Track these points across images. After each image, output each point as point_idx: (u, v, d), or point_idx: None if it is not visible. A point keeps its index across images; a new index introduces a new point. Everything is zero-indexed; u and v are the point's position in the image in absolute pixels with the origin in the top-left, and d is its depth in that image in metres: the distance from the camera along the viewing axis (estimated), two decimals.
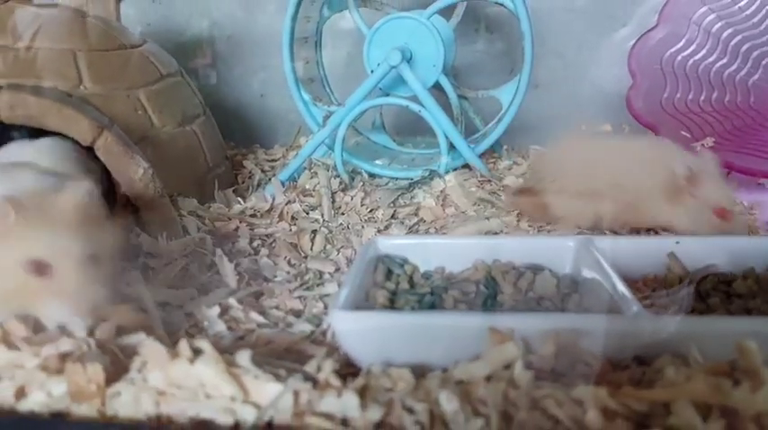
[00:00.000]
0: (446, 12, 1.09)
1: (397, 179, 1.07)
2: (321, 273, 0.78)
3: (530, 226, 0.85)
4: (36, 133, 0.80)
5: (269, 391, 0.47)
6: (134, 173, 0.81)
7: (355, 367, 0.54)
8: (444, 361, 0.51)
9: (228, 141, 1.23)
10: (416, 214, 0.92)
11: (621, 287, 0.55)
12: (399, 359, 0.52)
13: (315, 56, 1.18)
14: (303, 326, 0.64)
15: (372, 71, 1.04)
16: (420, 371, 0.49)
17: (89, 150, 0.80)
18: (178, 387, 0.48)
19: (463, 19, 1.16)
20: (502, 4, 1.00)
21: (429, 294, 0.63)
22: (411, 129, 1.30)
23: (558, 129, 1.28)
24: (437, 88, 1.09)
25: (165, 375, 0.48)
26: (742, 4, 0.98)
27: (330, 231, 0.88)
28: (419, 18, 1.02)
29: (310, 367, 0.50)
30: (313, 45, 1.17)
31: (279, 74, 1.33)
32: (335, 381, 0.48)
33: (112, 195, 0.82)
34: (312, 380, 0.49)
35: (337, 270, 0.79)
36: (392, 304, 0.61)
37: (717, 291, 0.63)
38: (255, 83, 1.41)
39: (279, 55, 1.10)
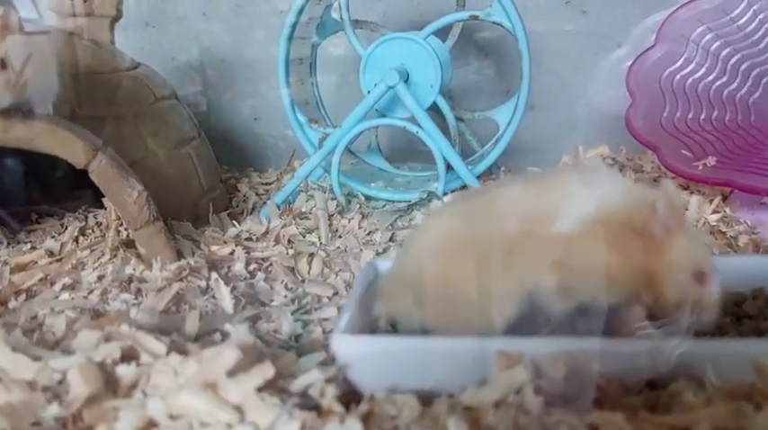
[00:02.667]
0: (442, 32, 1.09)
1: (394, 202, 1.06)
2: (319, 297, 0.77)
3: None
4: (27, 156, 0.78)
5: (269, 417, 0.45)
6: (128, 196, 0.79)
7: (358, 393, 0.52)
8: (451, 386, 0.49)
9: (222, 165, 1.22)
10: None
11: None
12: (404, 384, 0.50)
13: (309, 78, 1.17)
14: (302, 351, 0.62)
15: (369, 92, 1.03)
16: (425, 398, 0.48)
17: (83, 173, 0.79)
18: (172, 417, 0.46)
19: (459, 40, 1.16)
20: (500, 24, 0.99)
21: None
22: (406, 151, 1.29)
23: (555, 151, 1.28)
24: (433, 110, 1.08)
25: (166, 404, 0.46)
26: (741, 22, 0.98)
27: (328, 254, 0.87)
28: (416, 38, 1.02)
29: (312, 392, 0.49)
30: (308, 67, 1.16)
31: (271, 98, 1.33)
32: (338, 407, 0.47)
33: None
34: (314, 405, 0.47)
35: (335, 294, 0.77)
36: (394, 328, 0.60)
37: (726, 312, 0.61)
38: (248, 107, 1.40)
39: (271, 79, 1.09)
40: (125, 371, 0.52)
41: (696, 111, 0.99)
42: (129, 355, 0.55)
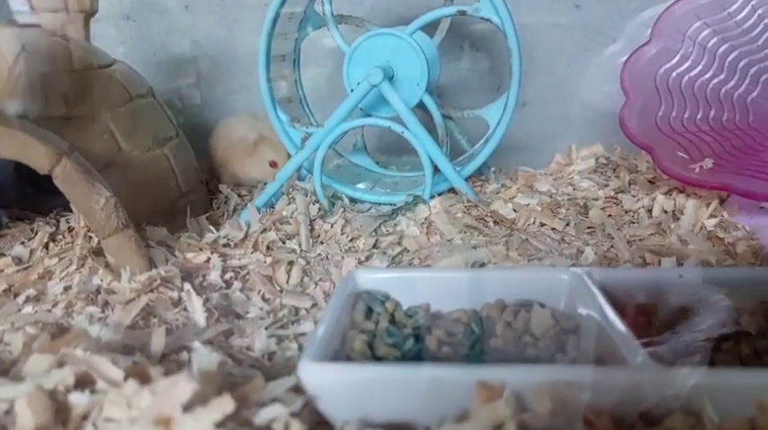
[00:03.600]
0: (429, 28, 1.04)
1: (379, 204, 1.02)
2: (297, 310, 0.73)
3: (519, 255, 0.80)
4: None
5: None
6: (95, 203, 0.75)
7: (327, 424, 0.48)
8: (427, 417, 0.46)
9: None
10: (399, 243, 0.86)
11: (623, 330, 0.50)
12: (377, 415, 0.46)
13: (293, 74, 1.13)
14: (274, 372, 0.58)
15: (353, 90, 0.99)
16: None
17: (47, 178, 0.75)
18: None
19: (447, 36, 1.11)
20: (488, 20, 0.95)
21: (411, 336, 0.57)
22: (395, 149, 1.25)
23: (547, 149, 1.24)
24: (420, 108, 1.04)
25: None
26: (738, 18, 0.93)
27: (308, 262, 0.83)
28: (401, 35, 0.97)
29: (276, 427, 0.45)
30: (291, 63, 1.12)
31: (258, 94, 1.29)
32: None
33: None
34: None
35: (314, 305, 0.73)
36: (371, 348, 0.56)
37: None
38: (238, 102, 1.36)
39: (257, 75, 1.05)
40: (78, 400, 0.49)
41: (692, 111, 0.95)
42: (83, 381, 0.51)
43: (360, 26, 1.10)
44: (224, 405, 0.44)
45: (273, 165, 1.14)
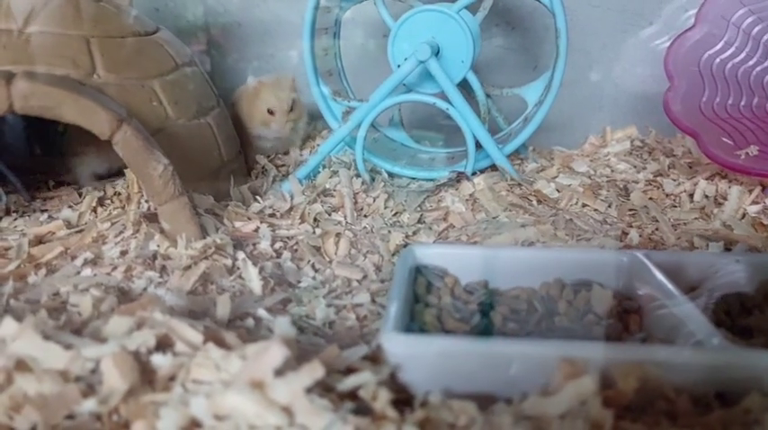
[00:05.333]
0: (472, 5, 1.04)
1: (417, 179, 1.03)
2: (349, 281, 0.74)
3: (567, 235, 0.81)
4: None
5: (319, 420, 0.43)
6: (153, 169, 0.76)
7: (406, 392, 0.50)
8: (507, 390, 0.47)
9: None
10: (445, 219, 0.88)
11: (696, 312, 0.51)
12: (457, 387, 0.48)
13: (333, 47, 1.13)
14: (339, 341, 0.60)
15: (399, 66, 0.99)
16: (480, 403, 0.45)
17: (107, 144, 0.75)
18: (218, 418, 0.44)
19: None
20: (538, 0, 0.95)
21: (477, 312, 0.58)
22: (426, 124, 1.25)
23: (580, 130, 1.25)
24: (460, 85, 1.04)
25: (212, 403, 0.44)
26: None
27: (354, 235, 0.84)
28: (448, 11, 0.98)
29: (363, 394, 0.46)
30: (332, 36, 1.12)
31: (290, 64, 1.29)
32: (392, 413, 0.44)
33: None
34: (366, 409, 0.45)
35: (365, 277, 0.75)
36: (439, 321, 0.57)
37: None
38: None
39: (288, 44, 1.05)
40: (160, 361, 0.50)
41: (736, 97, 0.96)
42: (163, 344, 0.52)
43: (403, 1, 1.10)
44: (314, 370, 0.45)
45: (271, 113, 1.09)
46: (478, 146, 1.00)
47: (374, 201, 0.94)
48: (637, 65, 1.25)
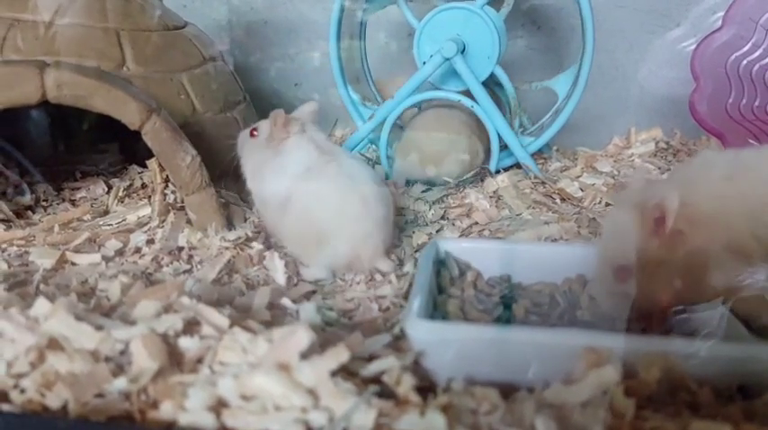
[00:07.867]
0: (496, 1, 1.05)
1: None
2: (372, 274, 0.74)
3: (590, 233, 0.81)
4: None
5: (344, 403, 0.43)
6: (182, 160, 0.77)
7: (429, 379, 0.50)
8: (529, 379, 0.47)
9: None
10: (469, 215, 0.88)
11: (720, 308, 0.51)
12: (479, 374, 0.48)
13: (358, 50, 1.13)
14: (361, 330, 0.60)
15: (424, 63, 0.99)
16: (502, 390, 0.46)
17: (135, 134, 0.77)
18: (245, 398, 0.45)
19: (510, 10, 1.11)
20: None
21: (500, 304, 0.59)
22: None
23: (604, 131, 1.25)
24: (486, 82, 1.04)
25: (239, 383, 0.44)
26: None
27: None
28: (472, 8, 0.98)
29: (387, 379, 0.47)
30: (357, 41, 1.13)
31: (312, 64, 1.30)
32: (415, 398, 0.45)
33: None
34: (389, 394, 0.45)
35: (388, 271, 0.75)
36: (462, 312, 0.58)
37: None
38: (290, 70, 1.37)
39: (312, 44, 1.06)
40: (189, 345, 0.51)
41: (763, 99, 0.95)
42: (190, 328, 0.53)
43: (426, 2, 1.10)
44: (339, 354, 0.45)
45: None
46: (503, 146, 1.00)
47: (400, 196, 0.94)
48: (663, 66, 1.25)
